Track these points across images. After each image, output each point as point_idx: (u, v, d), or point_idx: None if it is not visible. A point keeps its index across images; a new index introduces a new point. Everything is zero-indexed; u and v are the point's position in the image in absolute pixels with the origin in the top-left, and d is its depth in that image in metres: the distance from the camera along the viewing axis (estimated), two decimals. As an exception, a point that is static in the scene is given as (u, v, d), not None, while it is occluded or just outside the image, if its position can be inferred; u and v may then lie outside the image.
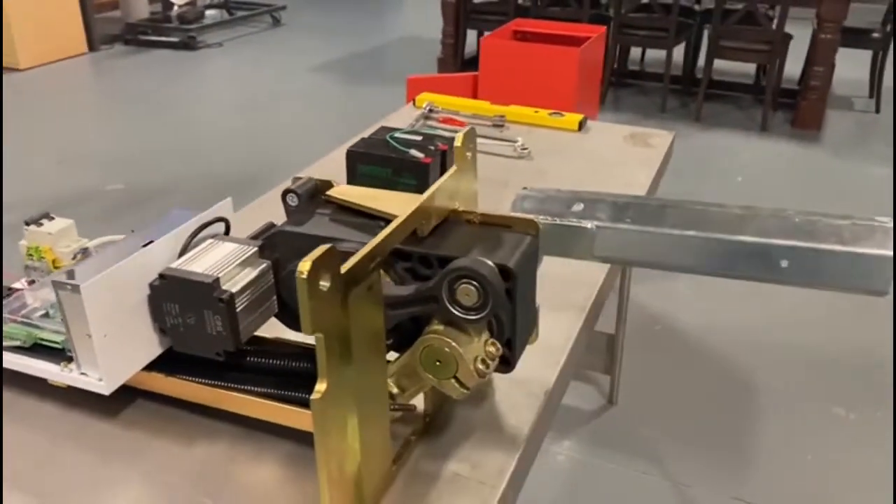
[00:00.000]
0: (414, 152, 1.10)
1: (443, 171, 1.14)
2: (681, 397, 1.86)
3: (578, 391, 1.86)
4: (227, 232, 0.74)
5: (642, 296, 2.25)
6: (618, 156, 1.32)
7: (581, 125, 1.43)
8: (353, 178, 1.11)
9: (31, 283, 0.79)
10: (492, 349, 0.60)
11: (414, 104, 1.52)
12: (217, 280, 0.63)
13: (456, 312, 0.57)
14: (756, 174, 3.25)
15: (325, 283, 0.49)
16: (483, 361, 0.59)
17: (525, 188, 0.80)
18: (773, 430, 1.74)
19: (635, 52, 4.53)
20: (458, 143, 0.69)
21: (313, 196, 0.72)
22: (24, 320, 0.70)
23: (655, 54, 4.36)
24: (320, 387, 0.51)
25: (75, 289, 0.60)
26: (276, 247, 0.68)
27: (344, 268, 0.51)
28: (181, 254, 0.68)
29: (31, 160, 3.27)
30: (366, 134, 1.17)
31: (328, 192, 0.71)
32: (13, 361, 0.69)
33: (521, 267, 0.62)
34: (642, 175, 1.23)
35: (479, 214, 0.68)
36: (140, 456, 0.66)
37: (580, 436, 1.72)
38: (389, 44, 5.35)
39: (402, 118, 1.45)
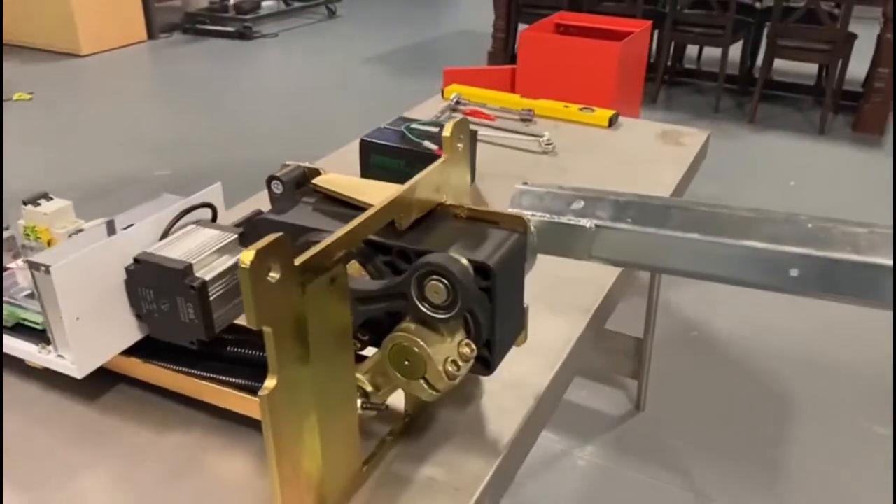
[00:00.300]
0: (428, 143, 1.07)
1: None
2: (712, 407, 1.79)
3: (605, 395, 1.81)
4: (214, 218, 0.73)
5: (680, 300, 2.18)
6: (647, 154, 1.27)
7: (612, 121, 1.38)
8: (366, 168, 1.09)
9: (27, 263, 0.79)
10: (466, 350, 0.58)
11: (442, 95, 1.49)
12: (190, 267, 0.62)
13: (424, 310, 0.55)
14: (810, 179, 3.12)
15: (274, 275, 0.46)
16: (453, 363, 0.56)
17: (525, 183, 0.77)
18: (809, 446, 1.66)
19: (692, 49, 4.41)
20: (446, 132, 0.66)
21: (300, 184, 0.70)
22: (9, 300, 0.70)
23: (714, 52, 4.23)
24: (269, 383, 0.48)
25: (47, 270, 0.60)
26: (256, 234, 0.66)
27: (299, 260, 0.48)
28: (162, 238, 0.67)
29: (87, 144, 3.36)
30: (383, 123, 1.15)
31: (314, 181, 0.69)
32: None
33: (502, 265, 0.59)
34: (669, 174, 1.18)
35: (467, 209, 0.65)
36: (113, 441, 0.66)
37: (604, 441, 1.67)
38: (443, 37, 5.33)
39: (429, 109, 1.42)
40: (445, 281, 0.53)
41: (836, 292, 0.64)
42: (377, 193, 0.65)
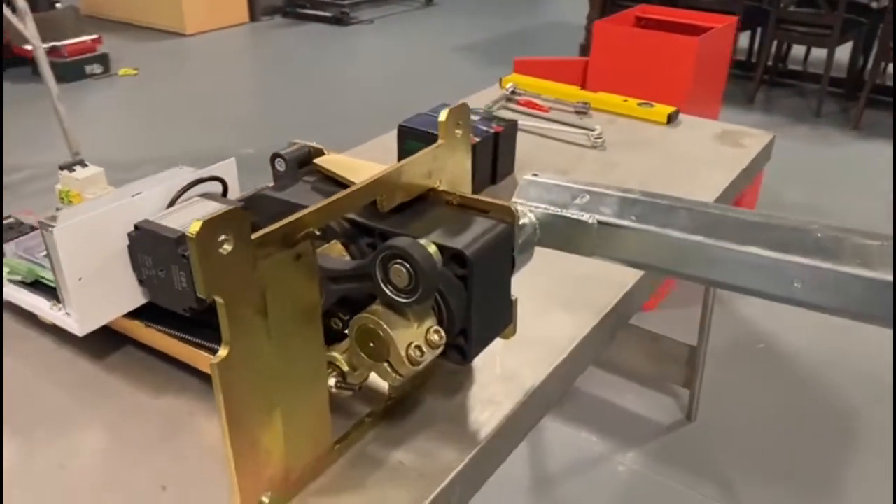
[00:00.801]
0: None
1: (495, 153, 1.10)
2: (770, 425, 1.71)
3: (655, 402, 1.75)
4: (224, 193, 0.75)
5: (751, 311, 2.09)
6: (700, 153, 1.22)
7: (671, 118, 1.33)
8: (402, 153, 1.10)
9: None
10: (435, 338, 0.57)
11: (500, 85, 1.47)
12: (183, 236, 0.63)
13: (388, 293, 0.54)
14: (914, 192, 2.92)
15: (227, 247, 0.47)
16: (417, 348, 0.55)
17: (535, 174, 0.75)
18: (869, 480, 1.56)
19: (800, 50, 4.19)
20: (442, 118, 0.65)
21: (304, 163, 0.71)
22: (28, 258, 0.74)
23: (822, 53, 4.01)
24: (222, 352, 0.49)
25: (51, 231, 0.63)
26: (255, 210, 0.68)
27: (256, 235, 0.49)
28: (168, 207, 0.70)
29: (181, 119, 3.52)
30: (424, 109, 1.15)
31: (316, 160, 0.70)
32: (13, 295, 0.73)
33: (481, 255, 0.58)
34: (720, 176, 1.13)
35: (459, 196, 0.64)
36: (111, 398, 0.69)
37: (647, 449, 1.62)
38: (537, 27, 5.27)
39: (483, 99, 1.41)
40: (407, 265, 0.53)
41: (842, 307, 0.60)
42: (369, 174, 0.65)
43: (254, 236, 0.49)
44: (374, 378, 0.70)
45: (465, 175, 0.69)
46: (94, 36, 4.13)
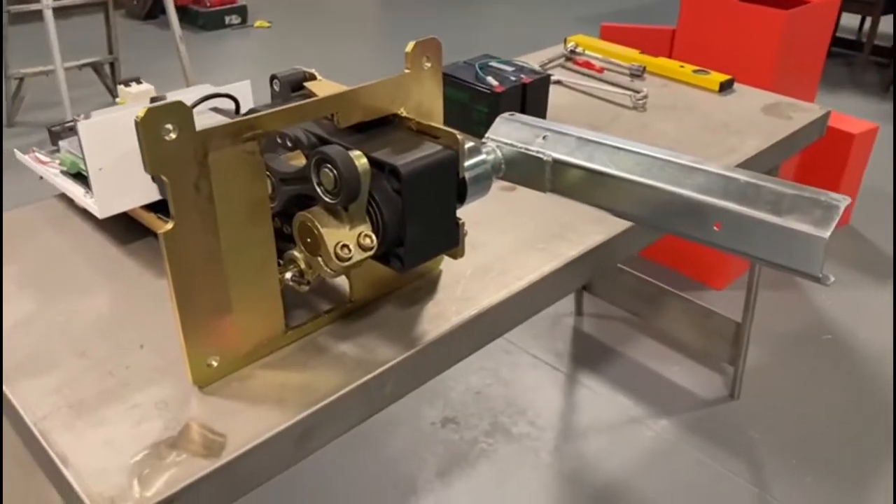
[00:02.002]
0: (491, 80, 1.12)
1: (523, 103, 1.14)
2: (817, 415, 1.66)
3: (701, 377, 1.74)
4: (237, 111, 0.85)
5: (830, 301, 2.01)
6: (740, 122, 1.21)
7: (723, 87, 1.32)
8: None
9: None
10: (366, 241, 0.64)
11: (564, 44, 1.50)
12: (181, 138, 0.73)
13: (320, 193, 0.62)
14: None
15: (172, 135, 0.56)
16: (345, 248, 0.63)
17: (511, 114, 0.80)
18: (916, 478, 1.50)
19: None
20: (408, 49, 0.71)
21: (297, 87, 0.79)
22: (73, 152, 0.87)
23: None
24: (168, 225, 0.59)
25: (78, 126, 0.75)
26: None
27: (202, 127, 0.58)
28: (181, 117, 0.80)
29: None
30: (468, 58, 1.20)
31: (306, 84, 0.78)
32: (59, 183, 0.86)
33: (417, 172, 0.64)
34: (752, 143, 1.12)
35: (416, 122, 0.71)
36: (121, 275, 0.81)
37: (682, 419, 1.63)
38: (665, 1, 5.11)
39: (542, 57, 1.45)
40: (332, 169, 0.60)
41: (754, 253, 0.62)
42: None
43: (199, 130, 0.58)
44: (341, 282, 0.79)
45: (434, 106, 0.75)
46: (236, -12, 4.40)
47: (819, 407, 1.68)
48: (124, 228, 0.86)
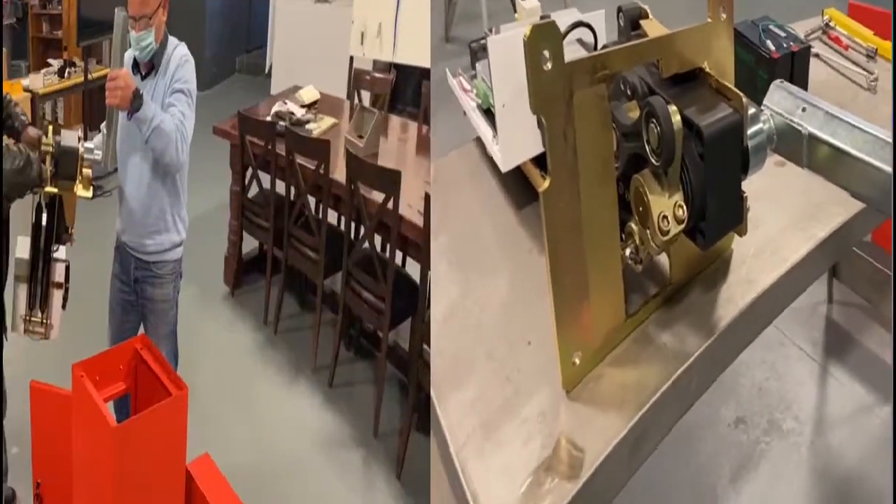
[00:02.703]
0: (770, 44, 1.17)
1: (792, 72, 1.17)
2: None
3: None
4: (594, 46, 0.94)
5: None
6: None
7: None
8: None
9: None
10: (679, 212, 0.69)
11: (821, 16, 1.59)
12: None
13: (647, 151, 0.68)
14: None
15: (549, 64, 0.62)
16: (665, 219, 0.67)
17: (782, 81, 0.82)
18: None
19: None
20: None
21: (636, 25, 0.84)
22: (484, 79, 0.94)
23: None
24: (546, 181, 0.63)
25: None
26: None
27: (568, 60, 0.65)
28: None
29: None
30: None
31: (641, 21, 0.84)
32: (474, 120, 0.95)
33: (716, 136, 0.68)
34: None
35: (716, 80, 0.75)
36: (514, 255, 0.85)
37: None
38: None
39: (805, 27, 1.49)
40: (657, 125, 0.67)
41: None
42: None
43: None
44: (660, 261, 0.80)
45: (728, 63, 0.79)
46: None
47: None
48: (521, 188, 0.89)
